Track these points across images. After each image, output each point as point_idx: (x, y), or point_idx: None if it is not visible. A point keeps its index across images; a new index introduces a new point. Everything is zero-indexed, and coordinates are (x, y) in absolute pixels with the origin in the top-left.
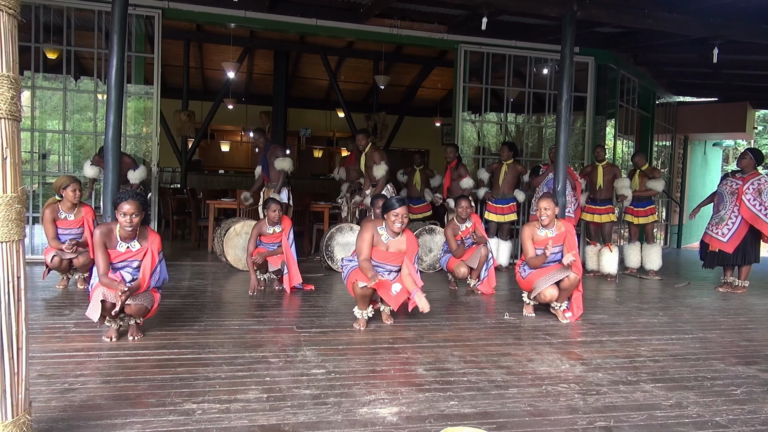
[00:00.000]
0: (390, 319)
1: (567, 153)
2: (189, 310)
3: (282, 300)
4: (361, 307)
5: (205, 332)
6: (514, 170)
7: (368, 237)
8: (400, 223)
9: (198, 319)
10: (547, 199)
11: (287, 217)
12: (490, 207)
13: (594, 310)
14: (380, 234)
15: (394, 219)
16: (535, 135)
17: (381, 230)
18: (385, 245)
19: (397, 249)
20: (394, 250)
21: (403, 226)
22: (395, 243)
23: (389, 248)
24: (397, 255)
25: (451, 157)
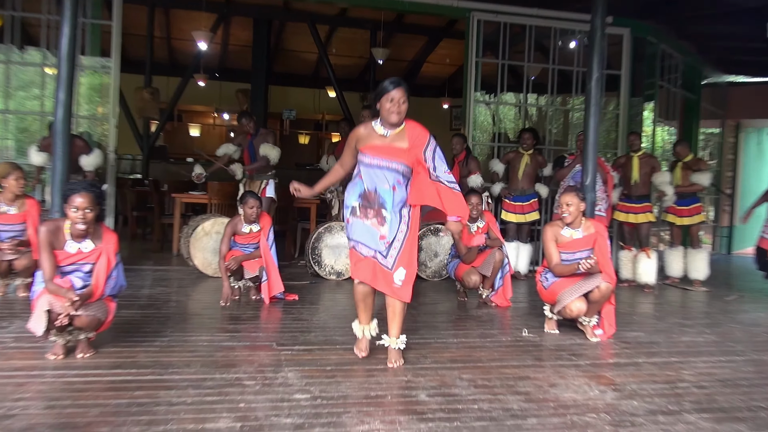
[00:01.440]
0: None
1: (597, 141)
2: (150, 322)
3: (260, 312)
4: (360, 319)
5: (169, 349)
6: (535, 162)
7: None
8: (397, 112)
9: (160, 334)
10: (570, 193)
11: (267, 215)
12: (508, 205)
13: (629, 326)
14: (375, 130)
15: (389, 106)
16: (560, 119)
17: (377, 125)
18: (381, 139)
19: (397, 146)
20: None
21: (401, 115)
22: (396, 137)
23: (386, 141)
24: (397, 150)
25: (459, 150)
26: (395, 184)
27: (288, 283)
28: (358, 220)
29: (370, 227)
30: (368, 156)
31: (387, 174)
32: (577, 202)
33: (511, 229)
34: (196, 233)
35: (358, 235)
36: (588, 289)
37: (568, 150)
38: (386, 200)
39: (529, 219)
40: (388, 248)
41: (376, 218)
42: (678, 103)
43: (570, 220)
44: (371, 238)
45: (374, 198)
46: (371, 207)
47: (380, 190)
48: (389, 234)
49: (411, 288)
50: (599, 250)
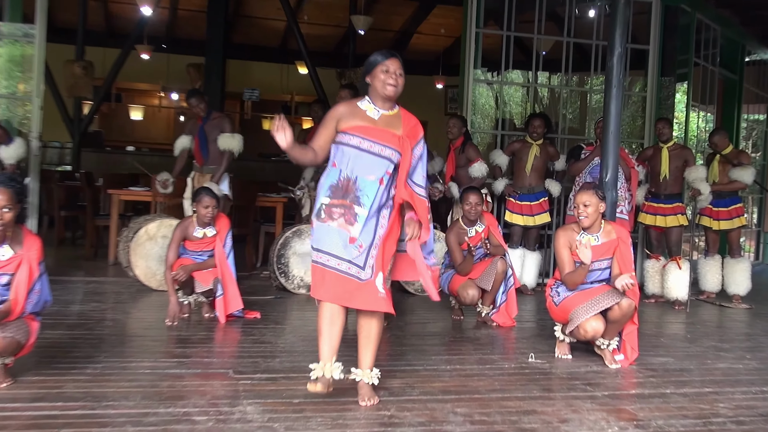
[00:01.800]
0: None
1: (619, 129)
2: (80, 345)
3: (213, 333)
4: (321, 355)
5: (103, 378)
6: (546, 153)
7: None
8: (394, 84)
9: (93, 359)
10: (587, 191)
11: (224, 216)
12: (513, 205)
13: (655, 350)
14: (362, 109)
15: (385, 77)
16: (576, 103)
17: (363, 104)
18: (370, 121)
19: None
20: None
21: (399, 89)
22: (389, 120)
23: (379, 125)
24: (392, 135)
25: (455, 134)
26: (384, 176)
27: (248, 298)
28: (322, 224)
29: (337, 230)
30: (356, 137)
31: (376, 162)
32: (596, 201)
33: (517, 234)
34: (138, 237)
35: (322, 242)
36: (606, 305)
37: (585, 139)
38: (366, 194)
39: (538, 222)
40: (365, 256)
41: (344, 217)
42: (716, 85)
43: (587, 223)
44: (339, 245)
45: (350, 189)
46: (341, 200)
47: (362, 181)
48: (363, 237)
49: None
50: (621, 259)
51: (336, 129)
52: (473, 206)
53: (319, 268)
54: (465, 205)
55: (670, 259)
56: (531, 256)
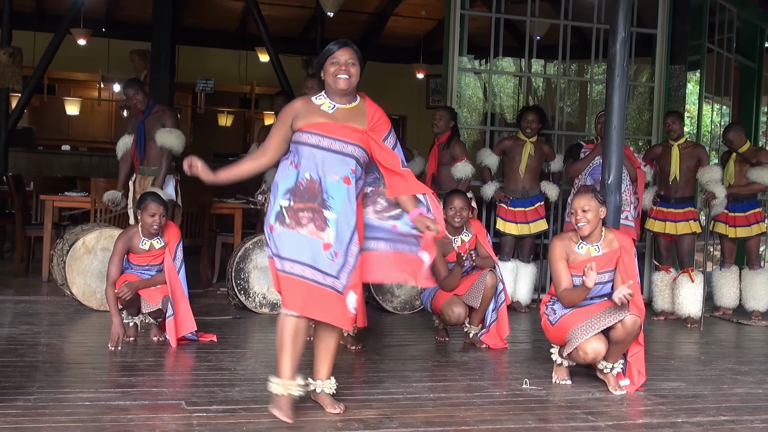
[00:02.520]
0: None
1: (623, 124)
2: (10, 375)
3: (164, 359)
4: (282, 372)
5: (37, 412)
6: (541, 152)
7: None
8: (346, 73)
9: (24, 390)
10: (585, 195)
11: (174, 225)
12: (505, 212)
13: (665, 374)
14: (317, 104)
15: (334, 69)
16: (575, 94)
17: (319, 98)
18: (327, 116)
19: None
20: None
21: (352, 79)
22: (348, 114)
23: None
24: (352, 130)
25: (442, 128)
26: (349, 174)
27: (203, 318)
28: (289, 230)
29: (307, 238)
30: (314, 135)
31: (338, 161)
32: (596, 206)
33: (508, 244)
34: (75, 250)
35: (289, 250)
36: (608, 324)
37: (586, 136)
38: (332, 196)
39: (534, 230)
40: (341, 264)
41: (314, 222)
42: (733, 74)
43: (587, 231)
44: (311, 252)
45: (316, 191)
46: (307, 203)
47: (327, 182)
48: (336, 244)
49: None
50: (624, 270)
51: (292, 128)
52: (458, 212)
53: (291, 278)
54: (448, 210)
55: (682, 271)
56: (525, 269)
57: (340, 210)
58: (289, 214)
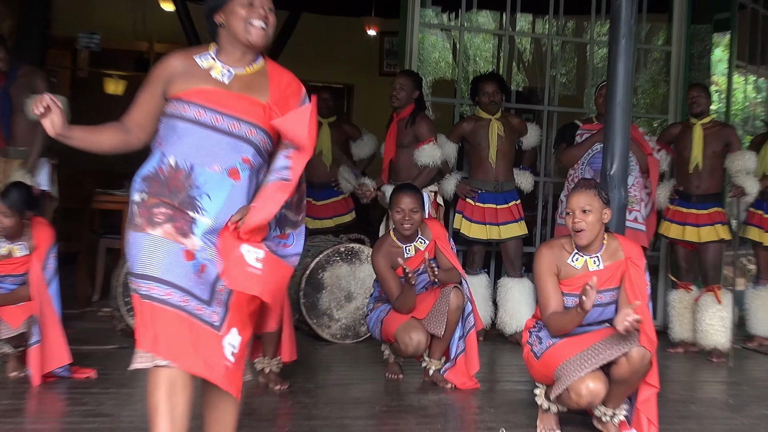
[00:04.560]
0: (281, 384)
1: (631, 98)
2: None
3: (24, 401)
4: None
5: None
6: (511, 129)
7: None
8: (261, 23)
9: None
10: (585, 191)
11: (46, 224)
12: (470, 210)
13: (683, 423)
14: (202, 66)
15: (247, 14)
16: (572, 60)
17: (205, 59)
18: (216, 83)
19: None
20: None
21: (269, 31)
22: (247, 82)
23: (232, 89)
24: (251, 104)
25: (403, 100)
26: (237, 165)
27: (79, 348)
28: (140, 234)
29: (163, 241)
30: (194, 106)
31: (226, 145)
32: (600, 207)
33: (478, 254)
34: None
35: (146, 264)
36: (609, 358)
37: (584, 114)
38: (208, 194)
39: (504, 235)
40: (209, 288)
41: (173, 223)
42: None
43: (586, 239)
44: (170, 263)
45: (181, 184)
46: (165, 200)
47: (202, 174)
48: (205, 255)
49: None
50: (631, 289)
51: (164, 94)
52: (407, 214)
53: (149, 305)
54: (395, 213)
55: (705, 290)
56: (518, 287)
57: (217, 216)
58: (141, 211)
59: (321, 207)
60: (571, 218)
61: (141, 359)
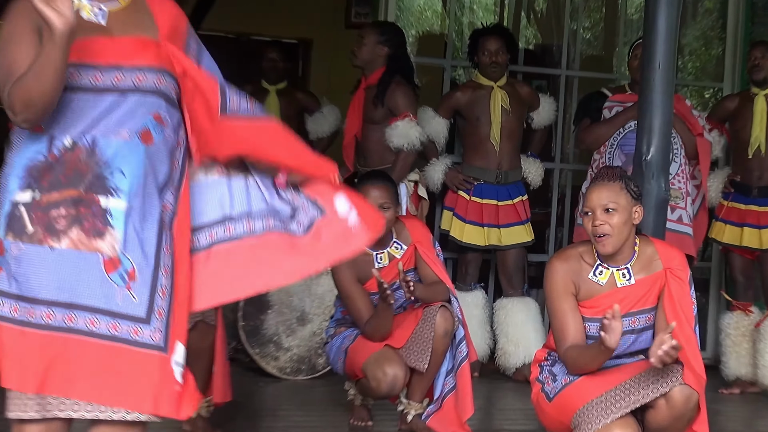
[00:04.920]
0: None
1: (674, 60)
2: None
3: None
4: None
5: None
6: (519, 101)
7: None
8: None
9: None
10: (608, 183)
11: None
12: (464, 206)
13: None
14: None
15: None
16: (598, 10)
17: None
18: (96, 27)
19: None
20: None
21: None
22: (126, 18)
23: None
24: (145, 46)
25: (365, 59)
26: (150, 126)
27: None
28: (33, 248)
29: (71, 257)
30: (85, 69)
31: (128, 104)
32: (628, 204)
33: (472, 263)
34: None
35: (33, 285)
36: (644, 400)
37: (613, 80)
38: (120, 169)
39: (506, 241)
40: (148, 295)
41: (80, 225)
42: None
43: (610, 247)
44: (80, 281)
45: (83, 167)
46: (69, 190)
47: (107, 146)
48: (131, 254)
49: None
50: (671, 308)
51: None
52: (380, 210)
53: (36, 335)
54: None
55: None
56: (519, 307)
57: (135, 193)
58: (34, 215)
59: None
60: (590, 220)
61: (18, 407)
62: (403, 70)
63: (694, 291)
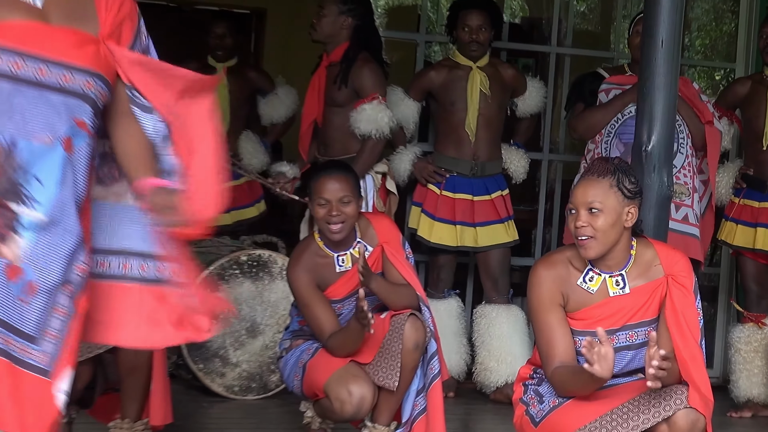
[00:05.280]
0: None
1: (680, 37)
2: None
3: None
4: None
5: None
6: (501, 83)
7: None
8: None
9: None
10: (594, 179)
11: None
12: (436, 201)
13: None
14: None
15: None
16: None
17: None
18: (34, 11)
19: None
20: None
21: None
22: (62, 9)
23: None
24: (82, 41)
25: (325, 32)
26: (72, 133)
27: None
28: None
29: None
30: (7, 53)
31: (57, 104)
32: (615, 202)
33: (446, 267)
34: None
35: None
36: (643, 426)
37: (611, 59)
38: (37, 176)
39: (490, 241)
40: (41, 311)
41: None
42: None
43: (593, 252)
44: None
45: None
46: None
47: (24, 147)
48: (35, 266)
49: None
50: (674, 322)
51: None
52: (334, 206)
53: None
54: (317, 206)
55: None
56: (504, 315)
57: (52, 204)
58: None
59: None
60: (573, 219)
61: None
62: (370, 45)
63: (701, 301)
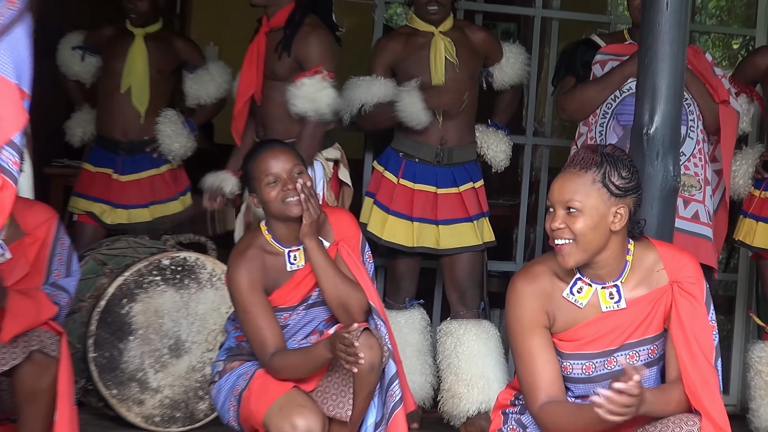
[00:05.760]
0: None
1: (690, 4)
2: None
3: None
4: None
5: None
6: (472, 50)
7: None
8: None
9: None
10: (575, 172)
11: None
12: (391, 192)
13: None
14: None
15: None
16: None
17: None
18: None
19: None
20: None
21: None
22: None
23: None
24: None
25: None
26: None
27: None
28: None
29: None
30: None
31: None
32: (597, 201)
33: (407, 273)
34: None
35: None
36: None
37: (607, 25)
38: None
39: (455, 242)
40: None
41: None
42: None
43: (570, 262)
44: None
45: None
46: None
47: None
48: None
49: None
50: (681, 338)
51: None
52: (285, 181)
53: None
54: (266, 187)
55: None
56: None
57: None
58: None
59: (128, 185)
60: (549, 219)
61: None
62: (318, 7)
63: (714, 313)
